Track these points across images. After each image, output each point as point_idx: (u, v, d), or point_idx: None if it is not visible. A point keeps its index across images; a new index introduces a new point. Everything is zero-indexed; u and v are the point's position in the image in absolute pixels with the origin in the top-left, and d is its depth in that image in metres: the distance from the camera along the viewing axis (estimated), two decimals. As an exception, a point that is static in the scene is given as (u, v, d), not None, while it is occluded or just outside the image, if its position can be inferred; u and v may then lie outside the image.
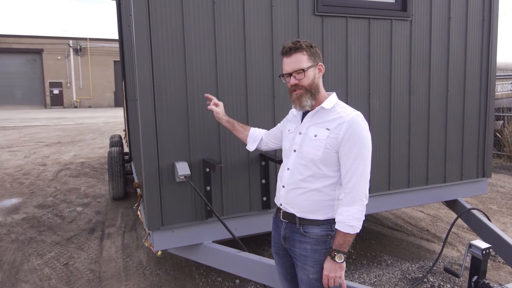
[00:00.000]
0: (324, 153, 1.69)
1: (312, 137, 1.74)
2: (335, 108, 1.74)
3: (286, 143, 1.90)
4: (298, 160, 1.77)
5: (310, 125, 1.78)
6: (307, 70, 1.71)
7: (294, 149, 1.81)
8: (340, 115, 1.70)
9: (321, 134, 1.71)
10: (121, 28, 5.25)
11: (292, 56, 1.73)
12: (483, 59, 3.58)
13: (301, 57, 1.72)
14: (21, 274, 3.43)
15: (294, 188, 1.78)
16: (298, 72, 1.72)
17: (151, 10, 2.39)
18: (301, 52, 1.72)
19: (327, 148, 1.69)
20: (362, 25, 3.05)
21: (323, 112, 1.76)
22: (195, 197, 2.64)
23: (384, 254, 3.74)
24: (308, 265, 1.75)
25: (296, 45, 1.71)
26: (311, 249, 1.74)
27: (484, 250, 2.40)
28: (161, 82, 2.46)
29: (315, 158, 1.71)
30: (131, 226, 4.60)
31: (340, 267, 1.68)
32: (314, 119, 1.78)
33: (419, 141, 3.38)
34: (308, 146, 1.74)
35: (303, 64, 1.71)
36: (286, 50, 1.74)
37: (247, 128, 2.31)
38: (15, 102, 31.45)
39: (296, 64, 1.72)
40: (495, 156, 8.17)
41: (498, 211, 5.04)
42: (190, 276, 3.38)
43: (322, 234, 1.73)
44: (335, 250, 1.67)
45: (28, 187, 6.56)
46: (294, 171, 1.78)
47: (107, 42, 33.00)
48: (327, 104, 1.74)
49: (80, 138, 12.95)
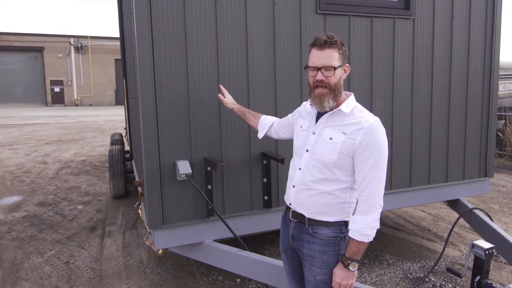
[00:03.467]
0: (339, 158, 1.64)
1: (327, 139, 1.68)
2: (354, 112, 1.67)
3: (299, 140, 1.83)
4: (311, 161, 1.73)
5: (325, 126, 1.71)
6: (337, 69, 1.63)
7: (307, 149, 1.75)
8: (358, 120, 1.63)
9: (337, 137, 1.65)
10: (122, 26, 5.24)
11: (325, 50, 1.62)
12: (486, 58, 3.56)
13: (334, 54, 1.62)
14: (21, 272, 3.43)
15: (304, 189, 1.74)
16: (328, 69, 1.62)
17: (152, 8, 2.37)
18: (335, 49, 1.63)
19: (342, 152, 1.63)
20: (365, 23, 3.03)
21: (340, 114, 1.68)
22: (197, 195, 2.63)
23: (386, 254, 3.72)
24: (315, 266, 1.73)
25: (332, 40, 1.62)
26: (320, 250, 1.71)
27: (487, 250, 2.38)
28: (162, 80, 2.45)
29: (329, 162, 1.66)
30: (132, 224, 4.59)
31: (352, 275, 1.64)
32: (330, 121, 1.70)
33: (421, 140, 3.36)
34: (322, 149, 1.68)
35: (334, 61, 1.62)
36: (321, 43, 1.62)
37: (257, 116, 2.29)
38: (16, 100, 31.45)
39: (327, 60, 1.62)
40: (497, 156, 8.15)
41: (500, 210, 5.03)
42: (191, 275, 3.37)
43: (331, 235, 1.70)
44: (349, 259, 1.62)
45: (29, 185, 6.56)
46: (305, 172, 1.74)
47: (108, 40, 32.97)
48: (346, 107, 1.67)
49: (81, 136, 12.95)
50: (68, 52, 32.55)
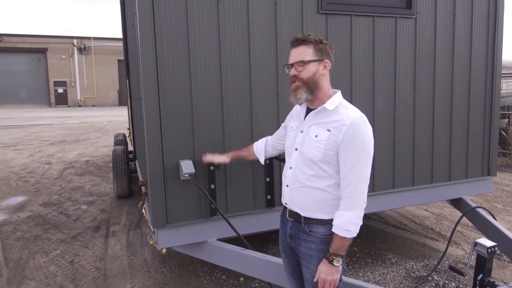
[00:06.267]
0: (324, 154, 1.67)
1: (313, 137, 1.71)
2: (338, 109, 1.70)
3: (289, 141, 1.88)
4: (300, 159, 1.76)
5: (312, 124, 1.75)
6: (308, 63, 1.69)
7: (296, 147, 1.79)
8: (341, 117, 1.67)
9: (322, 135, 1.69)
10: (125, 27, 5.26)
11: (298, 47, 1.73)
12: (489, 57, 3.56)
13: (306, 50, 1.70)
14: (27, 272, 3.46)
15: (297, 187, 1.77)
16: (299, 64, 1.71)
17: (155, 9, 2.39)
18: (308, 45, 1.71)
19: (327, 149, 1.66)
20: (367, 23, 3.04)
21: (325, 112, 1.72)
22: (200, 195, 2.64)
23: (389, 253, 3.73)
24: (312, 264, 1.75)
25: (304, 37, 1.72)
26: (316, 249, 1.73)
27: (489, 248, 2.38)
28: (165, 81, 2.47)
29: (315, 159, 1.69)
30: (135, 224, 4.62)
31: (337, 270, 1.66)
32: (316, 119, 1.75)
33: (423, 139, 3.37)
34: (308, 146, 1.72)
35: (306, 56, 1.70)
36: (293, 42, 1.75)
37: (249, 148, 2.33)
38: (20, 101, 31.62)
39: (299, 56, 1.71)
40: (500, 155, 8.12)
41: (503, 209, 5.02)
42: (195, 274, 3.39)
43: (327, 233, 1.71)
44: (333, 254, 1.65)
45: (34, 185, 6.60)
46: (296, 170, 1.77)
47: (111, 41, 33.08)
48: (330, 104, 1.71)
49: (85, 137, 13.00)
50: (71, 53, 32.69)
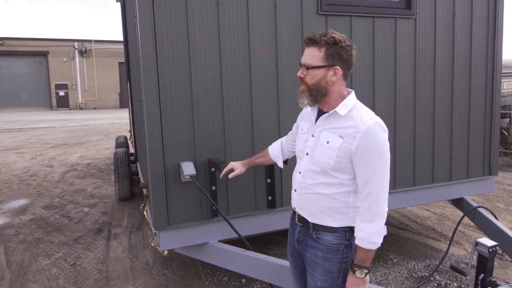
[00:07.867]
0: (336, 162, 1.57)
1: (324, 143, 1.61)
2: (351, 113, 1.57)
3: (299, 144, 1.77)
4: (310, 165, 1.67)
5: (323, 129, 1.64)
6: (312, 70, 1.57)
7: (307, 152, 1.70)
8: (355, 122, 1.54)
9: (334, 141, 1.57)
10: (125, 29, 5.28)
11: (310, 48, 1.58)
12: (489, 57, 3.56)
13: (316, 53, 1.56)
14: (29, 274, 3.46)
15: (305, 193, 1.69)
16: (305, 67, 1.59)
17: (155, 12, 2.40)
18: (319, 47, 1.55)
19: (339, 157, 1.56)
20: (366, 23, 3.05)
21: (337, 116, 1.59)
22: (201, 196, 2.65)
23: (390, 253, 3.73)
24: (317, 272, 1.68)
25: (316, 37, 1.55)
26: (322, 257, 1.66)
27: (490, 248, 2.38)
28: (166, 83, 2.48)
29: (327, 167, 1.60)
30: (137, 226, 4.62)
31: (363, 282, 1.59)
32: (327, 123, 1.63)
33: (424, 139, 3.37)
34: (320, 152, 1.62)
35: (313, 61, 1.56)
36: (306, 40, 1.59)
37: (265, 153, 2.19)
38: (21, 104, 31.69)
39: (307, 58, 1.58)
40: (501, 154, 8.11)
41: (505, 209, 5.01)
42: (197, 275, 3.39)
43: (335, 242, 1.64)
44: (356, 265, 1.58)
45: (35, 188, 6.62)
46: (305, 176, 1.69)
47: (112, 44, 33.15)
48: (342, 109, 1.58)
49: (86, 140, 13.03)
50: (72, 56, 32.74)
